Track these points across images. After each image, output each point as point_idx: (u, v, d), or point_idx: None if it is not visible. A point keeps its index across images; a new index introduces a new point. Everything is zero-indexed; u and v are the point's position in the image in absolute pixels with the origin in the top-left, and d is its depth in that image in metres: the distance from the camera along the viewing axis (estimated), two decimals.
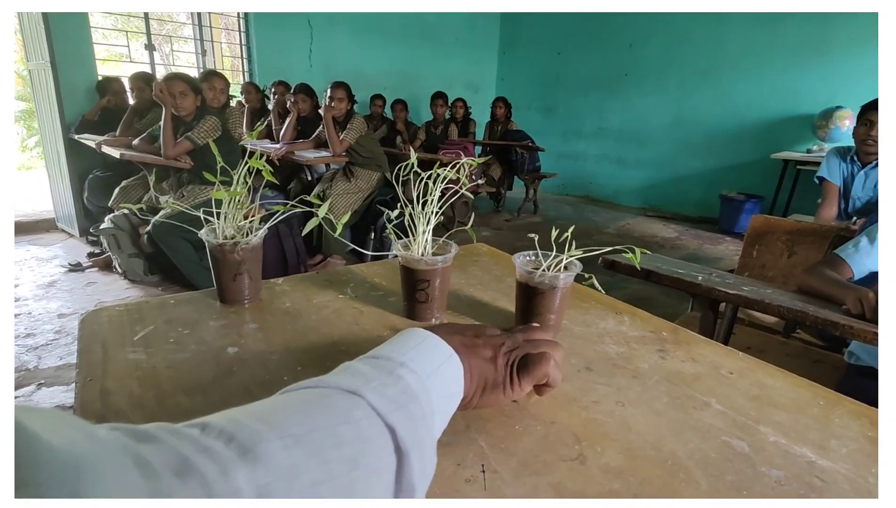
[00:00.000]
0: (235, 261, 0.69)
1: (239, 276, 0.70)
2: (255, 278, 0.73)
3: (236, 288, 0.71)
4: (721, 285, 0.98)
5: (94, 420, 0.47)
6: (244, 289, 0.72)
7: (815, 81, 4.56)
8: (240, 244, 0.68)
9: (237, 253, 0.69)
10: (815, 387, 0.59)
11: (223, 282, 0.71)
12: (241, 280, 0.71)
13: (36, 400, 1.93)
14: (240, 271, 0.70)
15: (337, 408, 0.31)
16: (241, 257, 0.69)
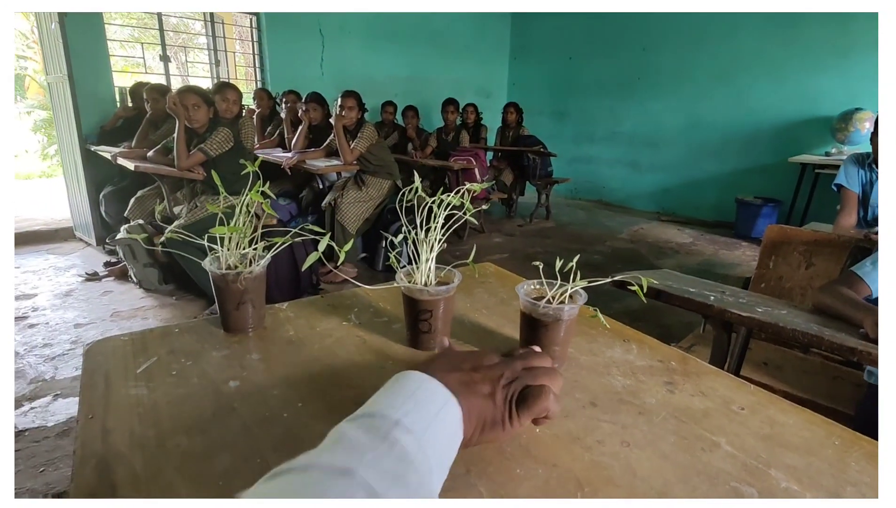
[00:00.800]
0: (239, 291, 0.69)
1: (242, 305, 0.70)
2: (258, 306, 0.73)
3: (240, 317, 0.71)
4: (734, 307, 0.96)
5: (93, 462, 0.47)
6: (247, 318, 0.72)
7: (834, 82, 4.47)
8: (242, 274, 0.68)
9: (240, 283, 0.69)
10: (830, 424, 0.57)
11: (227, 311, 0.71)
12: (245, 309, 0.71)
13: (52, 411, 1.96)
14: (243, 300, 0.70)
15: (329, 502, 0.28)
16: (245, 286, 0.69)
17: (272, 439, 0.51)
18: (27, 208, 5.19)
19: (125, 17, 6.88)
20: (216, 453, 0.49)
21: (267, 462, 0.48)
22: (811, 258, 1.70)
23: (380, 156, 3.49)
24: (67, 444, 1.79)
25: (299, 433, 0.52)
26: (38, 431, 1.85)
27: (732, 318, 0.93)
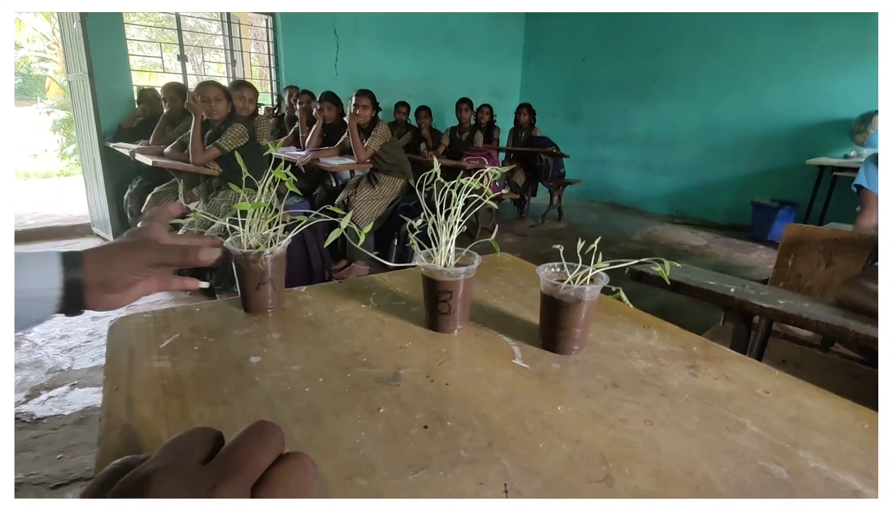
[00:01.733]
0: (259, 271, 0.70)
1: (262, 285, 0.71)
2: (278, 287, 0.73)
3: (260, 297, 0.72)
4: (755, 298, 0.94)
5: (119, 430, 0.47)
6: (267, 298, 0.72)
7: (853, 84, 4.40)
8: (264, 254, 0.69)
9: (261, 263, 0.69)
10: (858, 409, 0.56)
11: (247, 291, 0.71)
12: (265, 290, 0.71)
13: (69, 400, 1.99)
14: (263, 280, 0.71)
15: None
16: (265, 266, 0.70)
17: (294, 411, 0.51)
18: (45, 205, 5.28)
19: (144, 19, 6.99)
20: (240, 423, 0.49)
21: (290, 433, 0.48)
22: (831, 257, 1.67)
23: (393, 154, 3.50)
24: (84, 432, 1.81)
25: (321, 406, 0.52)
26: (56, 419, 1.87)
27: (754, 309, 0.92)
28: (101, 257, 0.48)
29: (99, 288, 0.48)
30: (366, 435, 0.48)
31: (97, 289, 0.48)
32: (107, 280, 0.48)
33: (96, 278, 0.48)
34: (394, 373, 0.59)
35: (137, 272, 0.51)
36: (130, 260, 0.50)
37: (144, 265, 0.50)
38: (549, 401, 0.55)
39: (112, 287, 0.49)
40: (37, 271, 0.45)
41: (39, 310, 0.46)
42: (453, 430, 0.49)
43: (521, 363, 0.63)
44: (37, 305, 0.45)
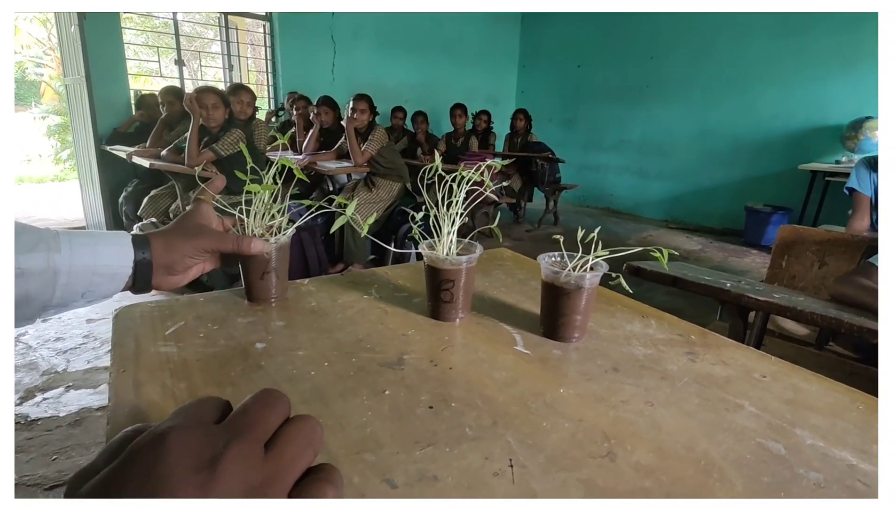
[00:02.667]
0: (263, 260, 0.70)
1: (266, 275, 0.71)
2: (281, 277, 0.73)
3: (263, 287, 0.72)
4: (751, 292, 0.96)
5: (127, 410, 0.48)
6: (271, 288, 0.73)
7: (844, 91, 4.47)
8: (268, 242, 0.69)
9: (265, 252, 0.69)
10: (853, 392, 0.57)
11: (251, 280, 0.72)
12: (269, 279, 0.72)
13: (64, 402, 1.97)
14: (267, 269, 0.71)
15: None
16: (269, 256, 0.70)
17: (300, 393, 0.52)
18: (40, 209, 5.26)
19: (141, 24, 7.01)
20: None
21: (297, 412, 0.48)
22: (824, 258, 1.69)
23: (390, 158, 3.51)
24: (79, 433, 1.80)
25: (327, 388, 0.53)
26: (51, 420, 1.86)
27: (750, 303, 0.93)
28: (166, 243, 0.54)
29: (163, 270, 0.54)
30: (372, 415, 0.49)
31: (161, 270, 0.54)
32: (170, 263, 0.54)
33: (161, 260, 0.54)
34: (398, 358, 0.60)
35: (196, 257, 0.56)
36: (191, 246, 0.55)
37: (203, 251, 0.57)
38: (552, 384, 0.56)
39: (174, 270, 0.55)
40: (113, 248, 0.50)
41: (110, 285, 0.51)
42: (458, 410, 0.50)
43: (523, 350, 0.64)
44: (109, 280, 0.50)
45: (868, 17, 4.24)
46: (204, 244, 0.57)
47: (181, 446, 0.24)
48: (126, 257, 0.50)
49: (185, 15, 4.99)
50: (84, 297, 0.50)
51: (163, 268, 0.54)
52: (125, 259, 0.50)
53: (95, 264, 0.48)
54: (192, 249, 0.55)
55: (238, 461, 0.24)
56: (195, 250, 0.56)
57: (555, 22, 6.78)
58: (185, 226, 0.57)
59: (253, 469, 0.25)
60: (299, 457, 0.27)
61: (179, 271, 0.56)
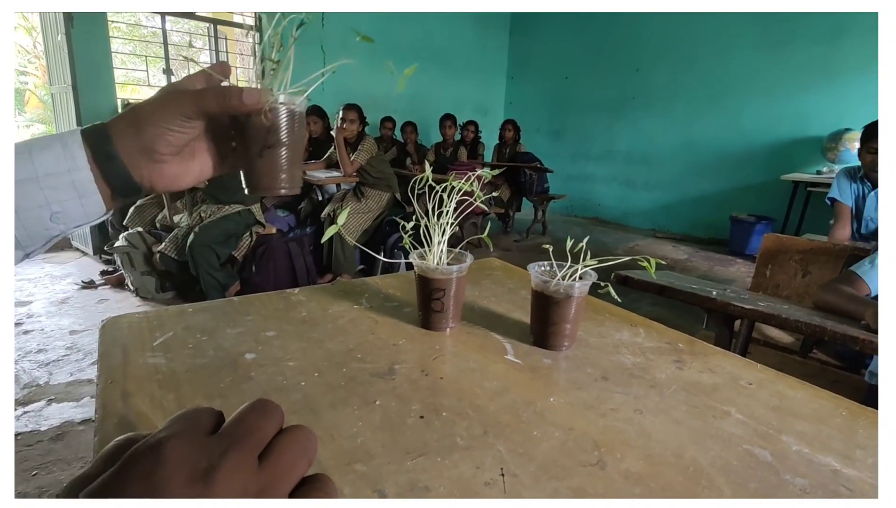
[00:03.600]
0: (263, 126, 0.45)
1: (268, 150, 0.46)
2: (291, 157, 0.48)
3: (265, 168, 0.47)
4: (737, 301, 0.97)
5: (115, 420, 0.47)
6: (277, 171, 0.47)
7: (824, 103, 4.58)
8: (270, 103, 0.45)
9: (266, 116, 0.45)
10: (837, 398, 0.59)
11: (248, 159, 0.47)
12: (273, 158, 0.46)
13: (46, 415, 1.93)
14: (270, 141, 0.46)
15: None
16: (272, 122, 0.45)
17: (291, 404, 0.52)
18: None
19: (129, 33, 6.98)
20: None
21: (288, 423, 0.48)
22: (807, 267, 1.72)
23: (379, 168, 3.52)
24: (61, 448, 1.76)
25: (317, 399, 0.53)
26: (32, 435, 1.82)
27: (736, 311, 0.95)
28: (130, 119, 0.41)
29: (141, 157, 0.41)
30: (363, 425, 0.49)
31: (140, 158, 0.41)
32: (147, 145, 0.40)
33: (133, 144, 0.40)
34: (388, 368, 0.60)
35: (176, 127, 0.41)
36: (164, 112, 0.41)
37: (181, 116, 0.41)
38: (542, 393, 0.56)
39: (156, 152, 0.41)
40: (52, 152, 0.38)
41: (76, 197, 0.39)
42: (449, 420, 0.50)
43: (514, 359, 0.64)
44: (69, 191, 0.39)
45: (847, 30, 4.36)
46: (180, 108, 0.41)
47: (178, 455, 0.24)
48: (73, 157, 0.38)
49: (173, 24, 4.98)
50: (56, 221, 0.39)
51: (139, 154, 0.40)
52: (74, 160, 0.38)
53: (36, 173, 0.37)
54: (167, 115, 0.41)
55: (234, 470, 0.24)
56: (171, 117, 0.41)
57: (543, 34, 6.88)
58: (159, 94, 0.43)
59: (248, 478, 0.25)
60: (294, 467, 0.27)
61: (165, 153, 0.41)
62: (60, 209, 0.39)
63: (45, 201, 0.38)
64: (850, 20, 4.34)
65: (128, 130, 0.40)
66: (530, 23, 7.06)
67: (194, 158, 0.46)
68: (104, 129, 0.40)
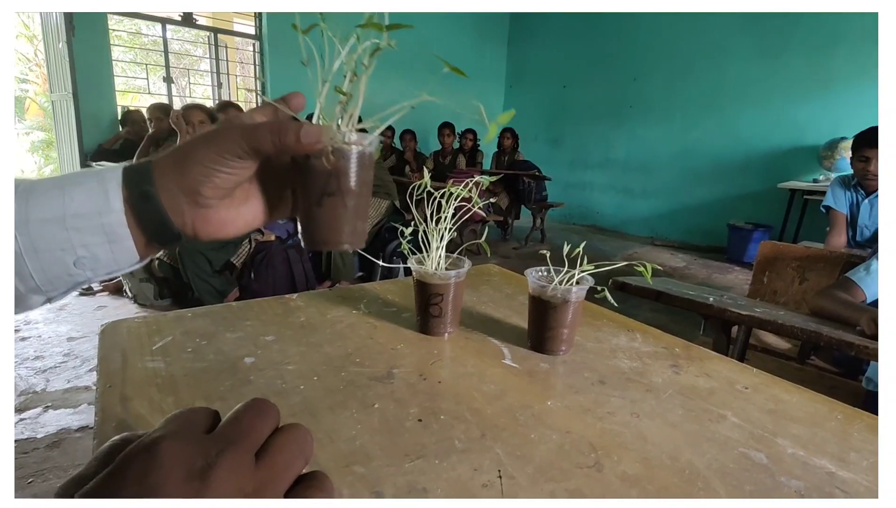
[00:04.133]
0: (324, 170, 0.38)
1: (329, 198, 0.39)
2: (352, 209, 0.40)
3: (324, 219, 0.40)
4: (734, 307, 0.98)
5: (114, 424, 0.47)
6: (336, 221, 0.40)
7: (819, 112, 4.62)
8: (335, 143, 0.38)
9: (327, 158, 0.38)
10: (832, 402, 0.59)
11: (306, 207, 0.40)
12: (334, 206, 0.39)
13: (42, 423, 1.92)
14: (329, 189, 0.39)
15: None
16: (334, 165, 0.38)
17: (290, 407, 0.52)
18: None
19: (130, 41, 7.03)
20: None
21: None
22: (804, 274, 1.73)
23: (378, 176, 3.53)
24: (57, 456, 1.75)
25: (316, 402, 0.53)
26: (28, 442, 1.81)
27: (733, 317, 0.95)
28: (176, 155, 0.35)
29: (184, 199, 0.35)
30: (361, 428, 0.49)
31: (182, 200, 0.35)
32: (190, 185, 0.35)
33: (175, 184, 0.35)
34: (387, 372, 0.60)
35: (225, 167, 0.35)
36: (211, 149, 0.35)
37: (231, 155, 0.35)
38: (539, 397, 0.57)
39: (201, 195, 0.35)
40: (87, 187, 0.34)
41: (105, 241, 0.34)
42: (447, 423, 0.51)
43: (511, 363, 0.64)
44: (98, 234, 0.33)
45: (841, 40, 4.41)
46: (229, 145, 0.35)
47: (174, 455, 0.24)
48: (107, 195, 0.33)
49: (174, 32, 5.01)
50: (81, 267, 0.34)
51: (183, 195, 0.35)
52: (107, 199, 0.33)
53: (64, 212, 0.32)
54: (214, 154, 0.35)
55: (230, 469, 0.25)
56: (219, 155, 0.35)
57: (541, 43, 6.94)
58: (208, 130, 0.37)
59: (245, 477, 0.25)
60: (291, 465, 0.27)
61: (211, 196, 0.35)
62: (87, 254, 0.34)
63: (70, 244, 0.33)
64: (844, 30, 4.39)
65: (171, 167, 0.35)
66: (528, 32, 7.12)
67: (246, 203, 0.40)
68: (147, 165, 0.35)
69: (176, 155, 0.35)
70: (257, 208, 0.41)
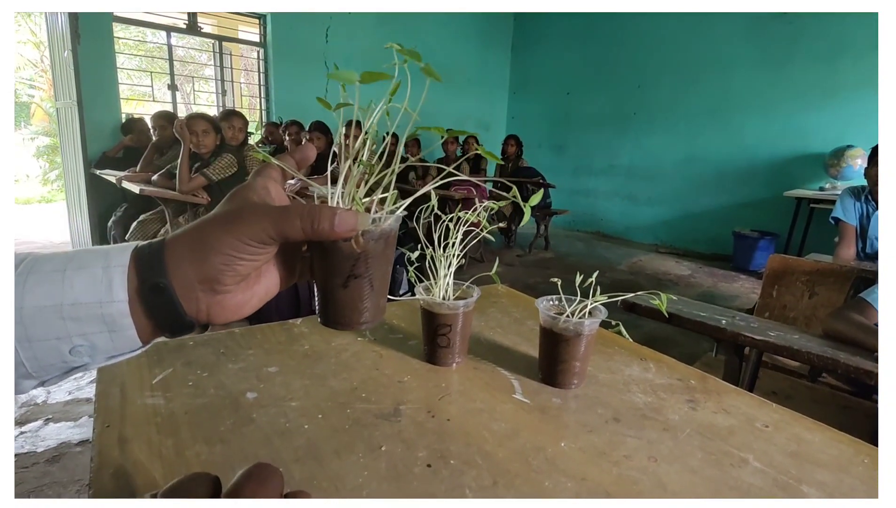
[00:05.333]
0: (351, 253, 0.38)
1: (354, 280, 0.39)
2: (378, 288, 0.41)
3: (348, 300, 0.40)
4: (747, 331, 0.95)
5: (112, 471, 0.46)
6: (361, 302, 0.40)
7: (825, 120, 4.59)
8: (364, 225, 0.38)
9: (356, 242, 0.37)
10: (857, 443, 0.57)
11: (330, 288, 0.40)
12: (359, 288, 0.40)
13: (42, 436, 1.91)
14: (355, 271, 0.39)
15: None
16: (363, 248, 0.38)
17: (293, 450, 0.50)
18: (26, 231, 5.18)
19: (135, 48, 7.06)
20: (237, 463, 0.48)
21: (291, 473, 0.46)
22: (814, 288, 1.71)
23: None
24: (57, 471, 1.73)
25: (321, 444, 0.51)
26: (27, 456, 1.79)
27: (746, 341, 0.93)
28: (193, 240, 0.32)
29: (200, 288, 0.32)
30: (368, 475, 0.47)
31: (198, 290, 0.32)
32: (210, 275, 0.32)
33: (192, 274, 0.32)
34: (394, 409, 0.58)
35: (246, 254, 0.32)
36: (235, 236, 0.32)
37: (254, 241, 0.32)
38: (552, 437, 0.54)
39: (220, 283, 0.32)
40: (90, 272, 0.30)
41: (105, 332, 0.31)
42: (457, 468, 0.49)
43: (522, 398, 0.62)
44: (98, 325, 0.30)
45: (846, 49, 4.39)
46: (255, 232, 0.32)
47: None
48: (110, 285, 0.30)
49: (178, 39, 5.03)
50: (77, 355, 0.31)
51: (200, 284, 0.32)
52: (110, 289, 0.30)
53: (62, 300, 0.30)
54: (235, 240, 0.32)
55: None
56: (243, 244, 0.32)
57: (544, 50, 6.93)
58: (225, 209, 0.34)
59: None
60: None
61: (229, 284, 0.33)
62: (84, 343, 0.31)
63: (66, 333, 0.30)
64: (849, 39, 4.37)
65: (188, 255, 0.32)
66: (532, 39, 7.12)
67: (259, 281, 0.37)
68: (160, 252, 0.32)
69: (192, 240, 0.32)
70: (272, 282, 0.38)
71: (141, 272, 0.31)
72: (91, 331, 0.30)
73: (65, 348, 0.31)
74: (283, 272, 0.39)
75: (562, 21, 6.57)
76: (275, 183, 0.37)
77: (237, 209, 0.33)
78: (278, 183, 0.38)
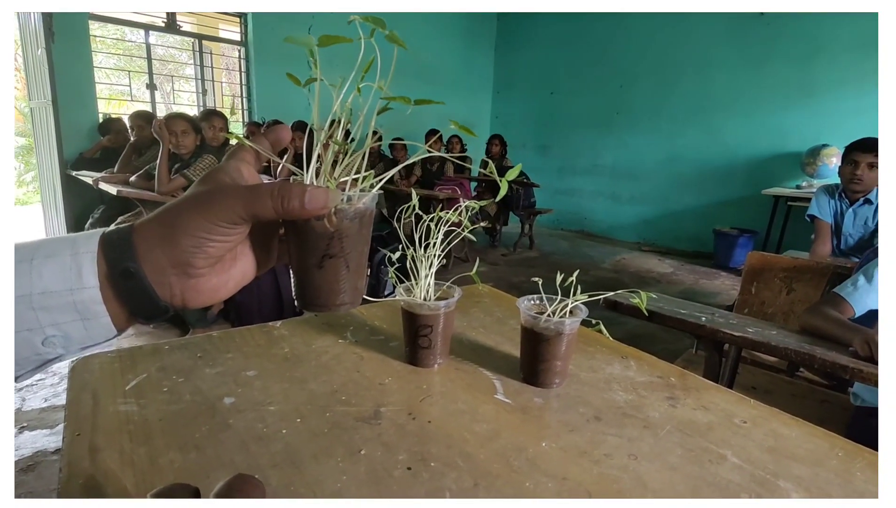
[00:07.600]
0: (326, 232, 0.37)
1: (329, 260, 0.38)
2: (354, 270, 0.40)
3: (325, 282, 0.38)
4: (726, 327, 0.97)
5: (81, 481, 0.44)
6: (338, 284, 0.39)
7: (802, 120, 4.69)
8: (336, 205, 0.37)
9: (329, 220, 0.36)
10: (832, 437, 0.58)
11: (305, 269, 0.38)
12: (335, 268, 0.38)
13: (17, 445, 1.85)
14: (330, 250, 0.38)
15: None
16: (337, 227, 0.37)
17: (271, 456, 0.49)
18: None
19: (113, 47, 6.91)
20: (212, 470, 0.47)
21: (268, 479, 0.46)
22: (792, 284, 1.74)
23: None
24: (32, 480, 1.68)
25: (299, 449, 0.50)
26: None
27: (725, 338, 0.94)
28: (163, 225, 0.31)
29: (172, 272, 0.32)
30: (347, 479, 0.46)
31: (170, 274, 0.32)
32: (181, 258, 0.31)
33: (163, 257, 0.31)
34: (374, 411, 0.58)
35: (218, 235, 0.32)
36: (205, 217, 0.31)
37: (227, 222, 0.32)
38: (534, 437, 0.54)
39: (192, 267, 0.32)
40: (59, 261, 0.30)
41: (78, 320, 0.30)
42: (437, 471, 0.48)
43: (504, 399, 0.62)
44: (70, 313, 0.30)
45: (822, 50, 4.49)
46: (226, 213, 0.31)
47: None
48: (80, 271, 0.30)
49: (158, 38, 4.94)
50: (51, 345, 0.30)
51: (171, 268, 0.31)
52: (79, 276, 0.29)
53: (31, 290, 0.29)
54: (205, 222, 0.31)
55: None
56: (214, 225, 0.31)
57: (528, 50, 6.97)
58: (195, 191, 0.33)
59: None
60: None
61: (202, 267, 0.32)
62: (57, 333, 0.30)
63: (38, 324, 0.30)
64: (825, 41, 4.47)
65: (158, 239, 0.31)
66: (516, 38, 7.15)
67: (235, 264, 0.36)
68: (128, 236, 0.31)
69: (162, 223, 0.31)
70: (247, 266, 0.38)
71: (110, 257, 0.30)
72: (63, 320, 0.30)
73: (37, 339, 0.30)
74: (259, 255, 0.38)
75: (545, 21, 6.61)
76: (247, 165, 0.37)
77: (207, 191, 0.33)
78: (251, 165, 0.37)
